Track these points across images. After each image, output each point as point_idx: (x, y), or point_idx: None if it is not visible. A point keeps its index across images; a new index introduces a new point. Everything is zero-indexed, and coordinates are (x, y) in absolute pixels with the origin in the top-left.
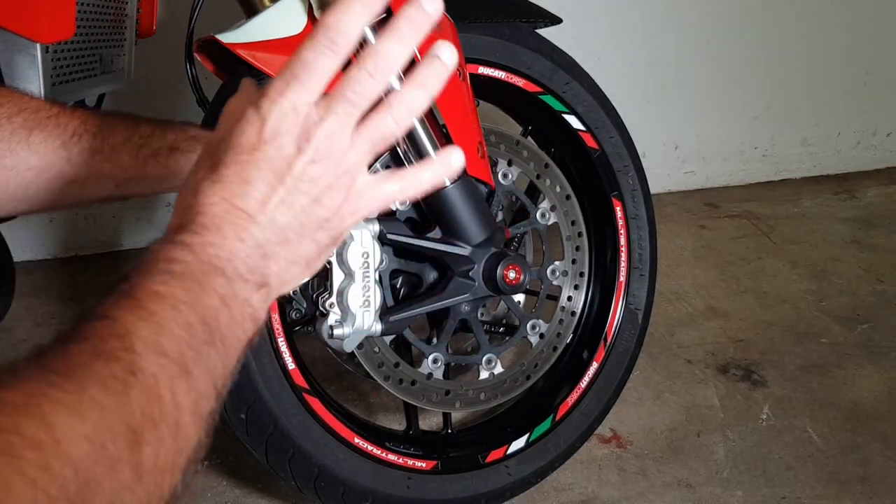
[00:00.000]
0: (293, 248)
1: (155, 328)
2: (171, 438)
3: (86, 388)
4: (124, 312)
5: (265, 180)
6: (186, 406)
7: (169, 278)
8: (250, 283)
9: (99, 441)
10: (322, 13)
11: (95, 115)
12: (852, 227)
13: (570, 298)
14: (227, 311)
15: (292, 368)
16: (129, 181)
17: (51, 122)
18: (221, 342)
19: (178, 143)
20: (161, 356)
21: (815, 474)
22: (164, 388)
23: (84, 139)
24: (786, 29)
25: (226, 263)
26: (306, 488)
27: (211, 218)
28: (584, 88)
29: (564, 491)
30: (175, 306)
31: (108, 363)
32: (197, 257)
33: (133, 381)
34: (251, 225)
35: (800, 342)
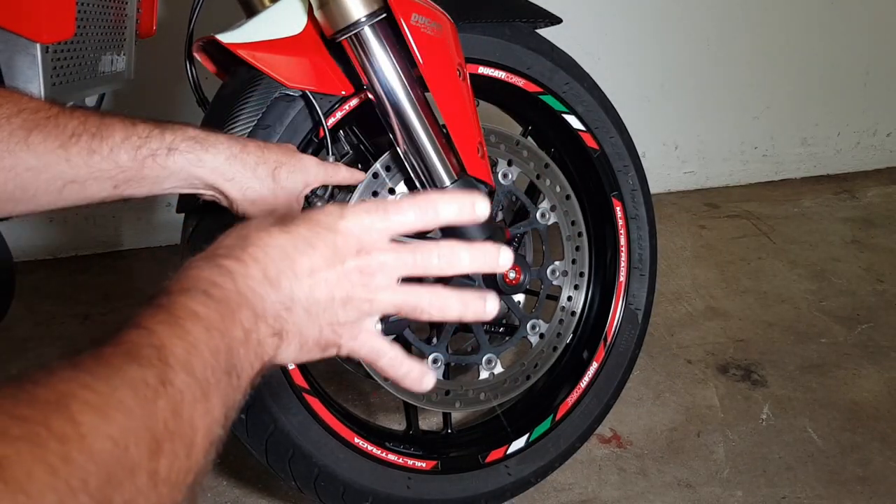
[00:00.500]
0: (308, 322)
1: (189, 347)
2: (184, 456)
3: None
4: (161, 326)
5: (325, 256)
6: (201, 428)
7: (207, 300)
8: (270, 328)
9: (122, 442)
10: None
11: (94, 116)
12: (852, 227)
13: (570, 298)
14: (246, 346)
15: (292, 368)
16: (127, 181)
17: (50, 122)
18: (237, 375)
19: (177, 143)
20: (189, 375)
21: (815, 474)
22: (187, 406)
23: (83, 139)
24: (786, 29)
25: (258, 300)
26: (306, 488)
27: (264, 254)
28: (583, 88)
29: (564, 491)
30: (208, 329)
31: (142, 368)
32: (236, 286)
33: (162, 392)
34: (294, 279)
35: (800, 342)
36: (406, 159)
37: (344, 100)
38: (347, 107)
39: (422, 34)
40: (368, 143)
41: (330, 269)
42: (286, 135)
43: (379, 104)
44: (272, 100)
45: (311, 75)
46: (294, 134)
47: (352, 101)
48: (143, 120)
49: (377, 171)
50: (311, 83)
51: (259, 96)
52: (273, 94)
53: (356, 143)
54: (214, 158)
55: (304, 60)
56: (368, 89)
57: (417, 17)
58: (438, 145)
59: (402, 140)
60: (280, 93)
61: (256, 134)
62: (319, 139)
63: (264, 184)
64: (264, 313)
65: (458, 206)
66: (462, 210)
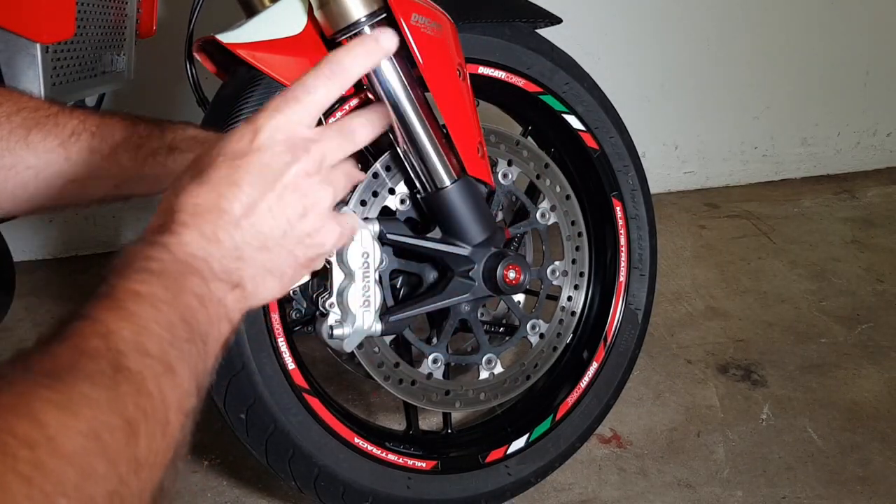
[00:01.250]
0: (271, 256)
1: (136, 328)
2: (160, 434)
3: (75, 384)
4: (105, 313)
5: (255, 184)
6: (173, 403)
7: (147, 277)
8: (225, 283)
9: (94, 434)
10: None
11: (94, 115)
12: (852, 227)
13: (570, 298)
14: (204, 311)
15: (292, 368)
16: (127, 181)
17: (49, 121)
18: (202, 340)
19: (177, 142)
20: (144, 356)
21: (815, 474)
22: (152, 384)
23: (83, 138)
24: (786, 29)
25: (201, 263)
26: (306, 488)
27: (191, 217)
28: (583, 88)
29: (564, 491)
30: (155, 305)
31: (94, 359)
32: (174, 256)
33: (121, 377)
34: (232, 227)
35: (800, 342)
36: (406, 159)
37: (344, 100)
38: (348, 107)
39: (422, 34)
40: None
41: (270, 193)
42: None
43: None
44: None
45: None
46: None
47: (352, 101)
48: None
49: (377, 171)
50: None
51: (259, 96)
52: (273, 94)
53: None
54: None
55: (304, 60)
56: (368, 89)
57: (417, 17)
58: (438, 145)
59: (402, 140)
60: (280, 93)
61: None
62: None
63: None
64: (213, 273)
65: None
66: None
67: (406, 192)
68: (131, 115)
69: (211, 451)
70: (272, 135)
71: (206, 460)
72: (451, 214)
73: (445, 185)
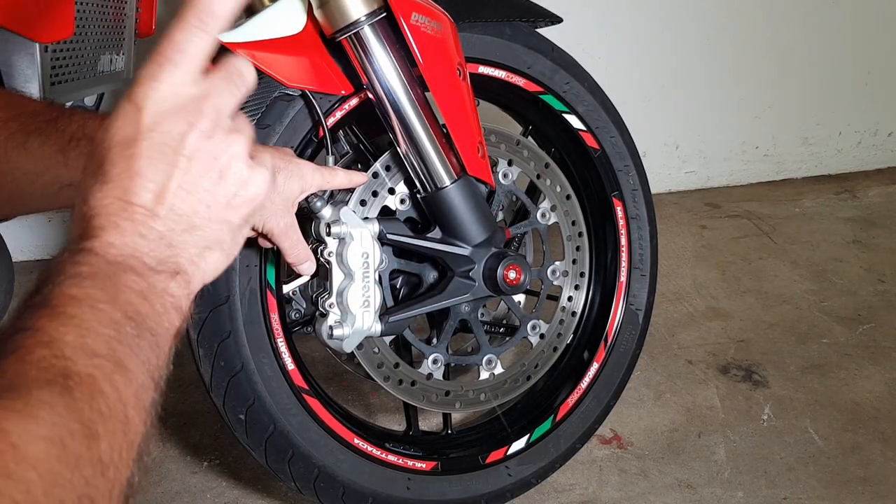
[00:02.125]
0: (203, 233)
1: (79, 331)
2: (121, 432)
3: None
4: (44, 321)
5: (156, 168)
6: (129, 399)
7: (80, 280)
8: (163, 274)
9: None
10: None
11: (95, 119)
12: (853, 227)
13: (570, 299)
14: (147, 304)
15: (292, 369)
16: None
17: (49, 126)
18: (150, 333)
19: None
20: (92, 357)
21: (817, 475)
22: (105, 384)
23: (82, 144)
24: (787, 28)
25: (131, 260)
26: (306, 489)
27: (106, 218)
28: (584, 88)
29: (565, 492)
30: (93, 306)
31: (43, 370)
32: (102, 258)
33: (72, 383)
34: (150, 219)
35: (801, 342)
36: (406, 159)
37: (343, 99)
38: (347, 106)
39: (422, 33)
40: (368, 143)
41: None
42: (286, 134)
43: (379, 104)
44: (272, 99)
45: (311, 75)
46: (293, 133)
47: (351, 100)
48: None
49: (377, 171)
50: (310, 83)
51: (258, 96)
52: (272, 93)
53: (356, 142)
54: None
55: (303, 60)
56: (368, 89)
57: (417, 16)
58: (438, 145)
59: (402, 140)
60: (279, 92)
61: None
62: (319, 139)
63: None
64: (147, 267)
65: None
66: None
67: (406, 191)
68: None
69: (210, 451)
70: (157, 108)
71: (205, 461)
72: (451, 214)
73: (445, 185)
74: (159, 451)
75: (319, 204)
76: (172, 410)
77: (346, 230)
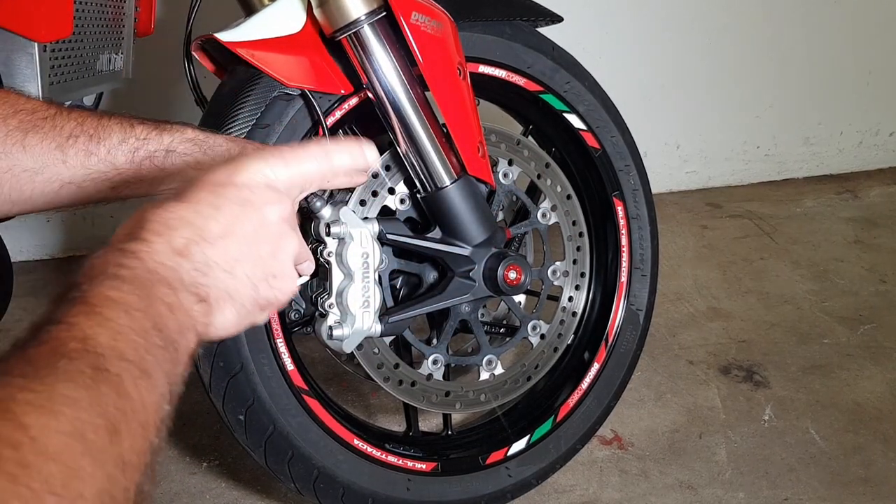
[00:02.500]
0: (235, 283)
1: (113, 333)
2: (141, 435)
3: (54, 385)
4: (80, 318)
5: (234, 212)
6: (151, 405)
7: (119, 284)
8: (192, 295)
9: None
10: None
11: (93, 117)
12: (855, 227)
13: (571, 299)
14: (174, 319)
15: (291, 369)
16: (125, 183)
17: (47, 123)
18: (174, 348)
19: (175, 145)
20: (122, 360)
21: (818, 475)
22: (131, 386)
23: (80, 141)
24: (788, 28)
25: (170, 273)
26: (305, 490)
27: (164, 227)
28: (585, 87)
29: (565, 493)
30: (129, 312)
31: (73, 361)
32: (144, 264)
33: (100, 377)
34: (204, 244)
35: (802, 343)
36: (406, 159)
37: (343, 99)
38: (347, 106)
39: (422, 32)
40: None
41: (246, 223)
42: (285, 134)
43: (379, 103)
44: (271, 99)
45: (311, 74)
46: (293, 133)
47: (351, 100)
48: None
49: (377, 171)
50: (310, 82)
51: (258, 95)
52: (272, 92)
53: None
54: (213, 161)
55: (303, 59)
56: (368, 88)
57: (417, 15)
58: (438, 145)
59: (402, 139)
60: (279, 92)
61: (255, 133)
62: (319, 138)
63: None
64: (181, 284)
65: (350, 155)
66: (354, 157)
67: (406, 191)
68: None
69: (210, 452)
70: (253, 176)
71: (204, 462)
72: (451, 214)
73: (445, 185)
74: None
75: (319, 204)
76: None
77: (346, 230)
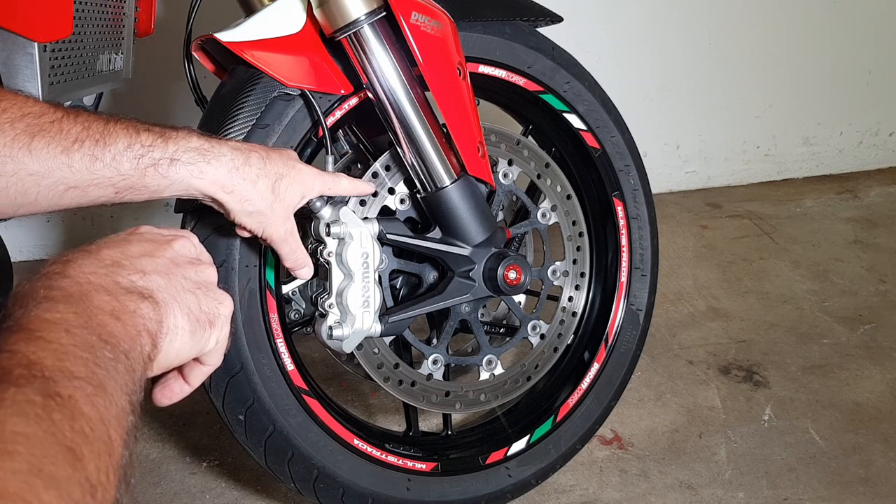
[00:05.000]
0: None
1: (57, 354)
2: (106, 454)
3: (4, 422)
4: (21, 344)
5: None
6: (111, 421)
7: (54, 304)
8: (134, 295)
9: (36, 469)
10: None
11: (98, 121)
12: (855, 227)
13: (570, 299)
14: (120, 325)
15: (291, 369)
16: (129, 188)
17: (53, 127)
18: (126, 356)
19: (179, 153)
20: (72, 379)
21: (818, 475)
22: (86, 405)
23: (86, 146)
24: (788, 28)
25: (104, 279)
26: (305, 490)
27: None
28: (585, 87)
29: (565, 493)
30: (69, 330)
31: (21, 389)
32: (73, 280)
33: (52, 404)
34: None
35: (802, 343)
36: (406, 159)
37: (343, 99)
38: (347, 106)
39: (422, 33)
40: (368, 143)
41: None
42: (285, 134)
43: (378, 103)
44: (271, 99)
45: (311, 74)
46: (293, 133)
47: (351, 100)
48: (147, 127)
49: (377, 171)
50: (310, 82)
51: (258, 95)
52: (272, 92)
53: (355, 142)
54: (216, 171)
55: (303, 59)
56: (368, 88)
57: (417, 15)
58: (438, 145)
59: (402, 139)
60: (279, 92)
61: (255, 133)
62: (318, 138)
63: (263, 197)
64: (119, 287)
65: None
66: None
67: (406, 191)
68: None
69: (209, 452)
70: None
71: (204, 462)
72: (450, 214)
73: (445, 185)
74: (158, 452)
75: (319, 204)
76: (171, 411)
77: (346, 230)
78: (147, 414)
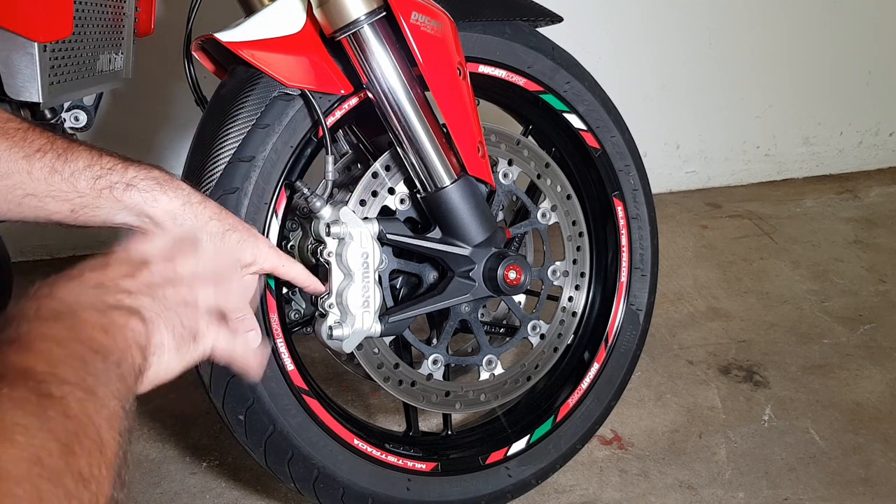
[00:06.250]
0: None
1: (50, 363)
2: (97, 451)
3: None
4: (14, 356)
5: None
6: (102, 422)
7: (43, 323)
8: (122, 311)
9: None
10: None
11: (63, 139)
12: (855, 227)
13: (570, 299)
14: (110, 339)
15: (291, 369)
16: (83, 207)
17: (18, 134)
18: (116, 365)
19: (137, 181)
20: (63, 384)
21: (818, 475)
22: (76, 407)
23: (47, 157)
24: (788, 28)
25: (92, 298)
26: (305, 490)
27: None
28: (585, 87)
29: (565, 493)
30: (60, 343)
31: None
32: (62, 301)
33: (46, 402)
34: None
35: (802, 343)
36: (406, 159)
37: (343, 99)
38: (347, 106)
39: (422, 33)
40: (368, 143)
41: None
42: (285, 134)
43: (378, 103)
44: (271, 99)
45: (311, 74)
46: (293, 133)
47: (351, 100)
48: (111, 153)
49: (377, 171)
50: (310, 82)
51: (258, 95)
52: (272, 92)
53: (355, 142)
54: (171, 202)
55: (303, 59)
56: (368, 88)
57: (417, 15)
58: (438, 145)
59: (401, 139)
60: (279, 92)
61: (255, 133)
62: (318, 138)
63: (212, 240)
64: (107, 305)
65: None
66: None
67: (406, 191)
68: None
69: (209, 452)
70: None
71: (204, 461)
72: (450, 214)
73: (445, 185)
74: (158, 452)
75: (319, 204)
76: (172, 411)
77: (346, 230)
78: (147, 414)
